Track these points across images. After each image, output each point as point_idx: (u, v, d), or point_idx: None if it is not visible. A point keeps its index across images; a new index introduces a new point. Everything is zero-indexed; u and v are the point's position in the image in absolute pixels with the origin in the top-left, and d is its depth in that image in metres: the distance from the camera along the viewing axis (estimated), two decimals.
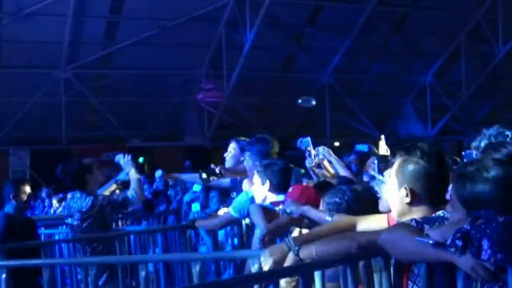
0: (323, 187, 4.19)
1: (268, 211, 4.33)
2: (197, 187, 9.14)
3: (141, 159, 6.33)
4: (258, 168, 4.87)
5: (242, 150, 6.04)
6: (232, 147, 6.15)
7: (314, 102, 6.69)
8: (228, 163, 6.12)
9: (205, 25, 18.00)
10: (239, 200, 5.24)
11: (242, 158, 5.94)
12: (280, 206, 3.71)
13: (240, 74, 18.72)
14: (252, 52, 18.00)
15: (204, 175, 6.01)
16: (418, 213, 2.70)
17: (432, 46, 20.57)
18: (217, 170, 5.96)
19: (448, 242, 2.22)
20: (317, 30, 18.97)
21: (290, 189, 4.17)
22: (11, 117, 18.66)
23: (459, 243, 2.18)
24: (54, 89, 18.65)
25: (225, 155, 6.21)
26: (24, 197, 6.49)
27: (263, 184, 4.78)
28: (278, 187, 4.74)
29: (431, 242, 2.31)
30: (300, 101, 6.83)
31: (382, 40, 20.16)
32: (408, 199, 2.70)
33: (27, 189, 6.55)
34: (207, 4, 17.57)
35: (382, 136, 6.72)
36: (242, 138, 6.16)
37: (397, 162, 2.79)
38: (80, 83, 18.76)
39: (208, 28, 18.18)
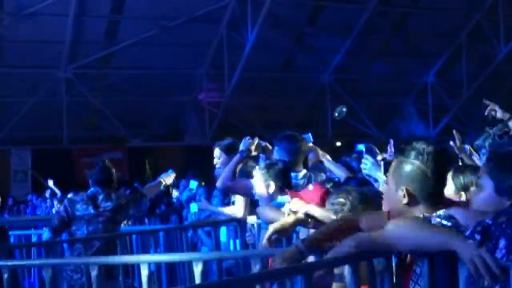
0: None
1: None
2: (193, 184, 9.14)
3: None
4: (261, 170, 4.84)
5: (226, 152, 6.04)
6: (216, 155, 6.16)
7: (345, 109, 6.60)
8: (220, 169, 6.12)
9: (206, 25, 18.01)
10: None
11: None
12: (286, 206, 3.68)
13: (241, 74, 18.73)
14: (253, 52, 18.01)
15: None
16: (416, 213, 2.70)
17: (433, 46, 20.56)
18: None
19: (467, 233, 2.21)
20: (318, 30, 18.98)
21: (311, 187, 4.10)
22: (12, 117, 18.69)
23: (477, 237, 2.17)
24: (55, 89, 18.68)
25: (214, 162, 6.20)
26: None
27: (267, 185, 4.76)
28: (281, 187, 4.72)
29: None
30: (336, 114, 6.72)
31: (382, 40, 20.16)
32: (405, 200, 2.70)
33: None
34: (208, 4, 17.58)
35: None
36: (224, 141, 6.15)
37: (393, 163, 2.79)
38: (81, 83, 18.78)
39: (209, 28, 18.18)
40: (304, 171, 5.36)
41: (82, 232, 5.91)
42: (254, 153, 5.63)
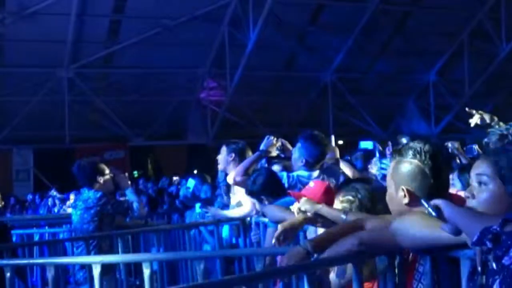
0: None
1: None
2: (190, 183, 9.16)
3: (135, 173, 6.40)
4: (251, 188, 4.81)
5: (233, 154, 6.03)
6: (223, 151, 6.15)
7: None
8: (221, 166, 6.13)
9: (208, 24, 18.00)
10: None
11: (230, 158, 5.94)
12: (295, 205, 3.67)
13: (243, 73, 18.73)
14: (255, 51, 18.01)
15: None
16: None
17: (435, 45, 20.55)
18: None
19: (474, 239, 2.18)
20: (319, 29, 18.97)
21: (312, 184, 4.08)
22: (14, 116, 18.71)
23: (489, 244, 2.14)
24: (57, 88, 18.69)
25: (217, 157, 6.20)
26: None
27: (263, 204, 4.72)
28: (276, 194, 4.69)
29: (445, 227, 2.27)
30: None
31: (384, 39, 20.15)
32: (406, 200, 2.70)
33: None
34: (210, 3, 17.57)
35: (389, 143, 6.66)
36: (233, 142, 6.13)
37: (392, 163, 2.79)
38: (83, 82, 18.79)
39: (211, 27, 18.18)
40: (318, 172, 5.22)
41: None
42: (273, 154, 5.57)
